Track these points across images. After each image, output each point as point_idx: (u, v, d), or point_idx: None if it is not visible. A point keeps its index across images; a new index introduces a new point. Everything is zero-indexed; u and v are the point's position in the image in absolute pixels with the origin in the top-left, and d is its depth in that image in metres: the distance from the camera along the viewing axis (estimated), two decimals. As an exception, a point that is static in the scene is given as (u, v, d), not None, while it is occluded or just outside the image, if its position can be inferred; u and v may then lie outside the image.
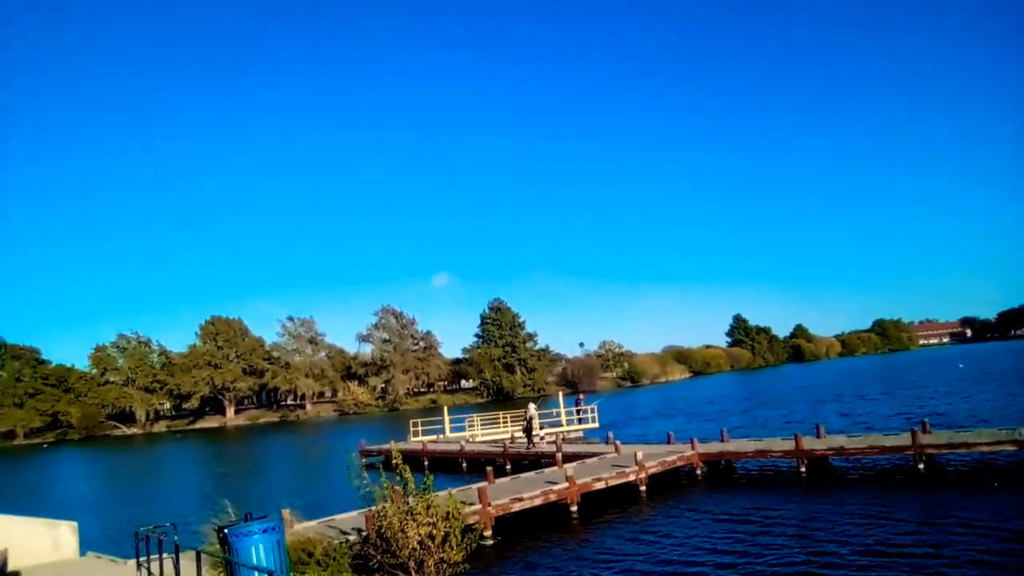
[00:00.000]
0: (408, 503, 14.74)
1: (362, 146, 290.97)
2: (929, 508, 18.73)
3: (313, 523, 19.24)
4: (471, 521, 18.12)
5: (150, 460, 69.09)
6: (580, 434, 45.25)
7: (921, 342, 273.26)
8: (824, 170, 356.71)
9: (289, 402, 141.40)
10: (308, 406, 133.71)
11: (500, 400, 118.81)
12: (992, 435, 24.52)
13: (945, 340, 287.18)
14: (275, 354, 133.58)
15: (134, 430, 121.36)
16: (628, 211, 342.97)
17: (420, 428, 47.36)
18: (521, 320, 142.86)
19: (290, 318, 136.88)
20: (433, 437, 46.48)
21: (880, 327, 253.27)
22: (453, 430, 48.82)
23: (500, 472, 30.50)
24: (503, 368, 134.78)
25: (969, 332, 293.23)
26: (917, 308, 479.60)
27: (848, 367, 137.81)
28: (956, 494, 20.33)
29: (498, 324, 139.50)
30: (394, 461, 15.87)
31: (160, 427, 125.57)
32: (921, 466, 23.51)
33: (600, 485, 23.52)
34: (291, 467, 48.61)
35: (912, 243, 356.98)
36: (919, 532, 16.33)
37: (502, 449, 35.86)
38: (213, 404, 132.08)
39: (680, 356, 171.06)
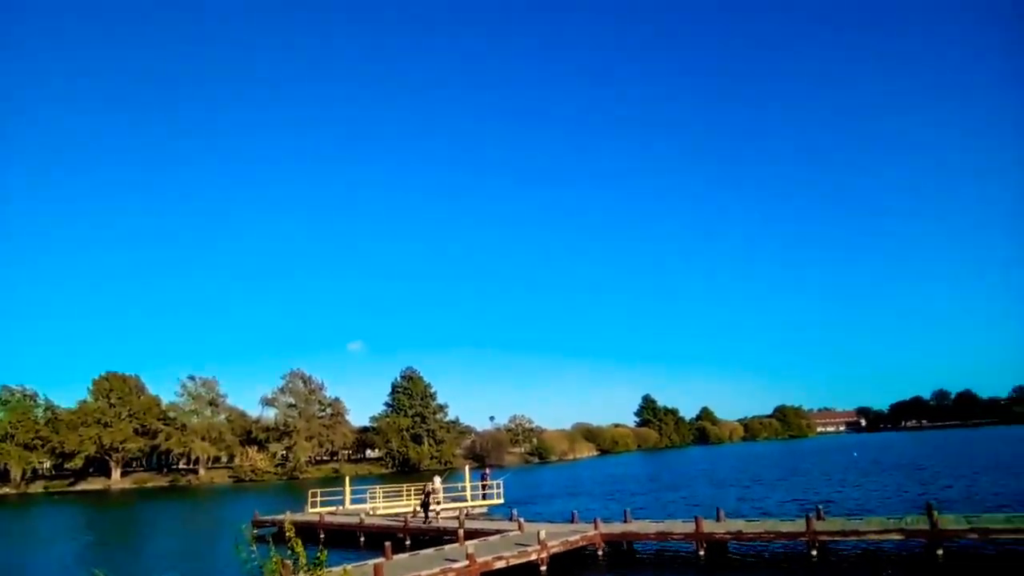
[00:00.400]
0: (297, 579, 14.06)
1: (276, 208, 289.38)
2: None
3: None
4: (368, 602, 17.47)
5: (19, 523, 63.91)
6: (484, 510, 44.50)
7: (819, 429, 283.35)
8: (732, 260, 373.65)
9: (181, 466, 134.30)
10: (202, 471, 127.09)
11: (406, 471, 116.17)
12: (880, 523, 25.47)
13: (841, 428, 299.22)
14: (171, 414, 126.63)
15: (7, 490, 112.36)
16: (544, 288, 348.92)
17: (319, 499, 45.61)
18: (432, 390, 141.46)
19: (191, 377, 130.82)
20: (332, 509, 44.80)
21: (781, 413, 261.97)
22: (354, 501, 47.20)
23: (400, 547, 29.59)
24: (411, 438, 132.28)
25: (863, 421, 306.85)
26: (817, 397, 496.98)
27: (749, 451, 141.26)
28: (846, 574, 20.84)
29: (409, 393, 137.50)
30: (287, 533, 15.19)
31: (37, 487, 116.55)
32: (814, 552, 24.09)
33: (501, 564, 23.09)
34: (175, 536, 45.67)
35: (815, 334, 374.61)
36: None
37: (403, 523, 34.88)
38: (98, 465, 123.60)
39: (589, 434, 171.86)
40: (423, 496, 37.59)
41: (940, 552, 22.73)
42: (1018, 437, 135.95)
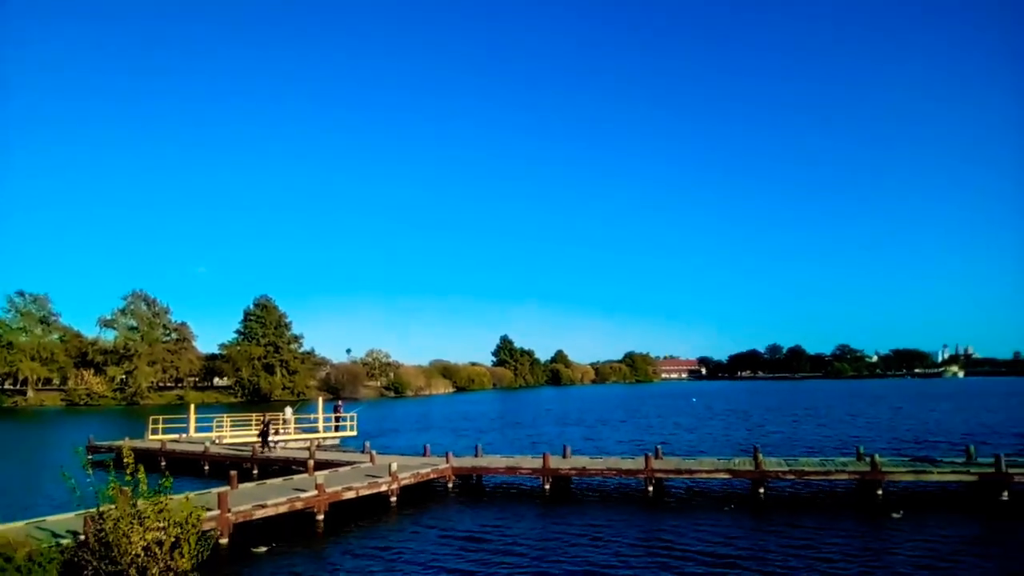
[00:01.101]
0: (136, 506, 13.57)
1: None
2: (655, 526, 20.48)
3: (19, 524, 17.05)
4: (208, 527, 17.06)
5: None
6: (336, 442, 44.28)
7: (664, 375, 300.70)
8: (592, 206, 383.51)
9: (7, 387, 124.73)
10: (30, 392, 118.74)
11: (256, 401, 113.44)
12: (711, 464, 27.56)
13: (684, 375, 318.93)
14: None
15: None
16: (407, 224, 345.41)
17: (161, 426, 43.80)
18: (287, 320, 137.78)
19: (20, 293, 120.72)
20: (175, 436, 43.19)
21: (630, 359, 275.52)
22: (200, 430, 45.67)
23: (247, 477, 29.06)
24: (263, 368, 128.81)
25: (704, 370, 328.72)
26: (663, 345, 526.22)
27: (598, 393, 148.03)
28: (678, 514, 22.36)
29: (262, 322, 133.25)
30: (125, 460, 14.54)
31: None
32: (651, 489, 25.71)
33: (351, 495, 23.14)
34: (-2, 461, 42.69)
35: (665, 287, 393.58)
36: (647, 548, 17.84)
37: (251, 453, 34.18)
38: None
39: (446, 371, 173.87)
40: (262, 426, 37.39)
41: (762, 491, 24.86)
42: (836, 389, 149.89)
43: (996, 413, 65.96)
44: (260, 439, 36.37)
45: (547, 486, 26.60)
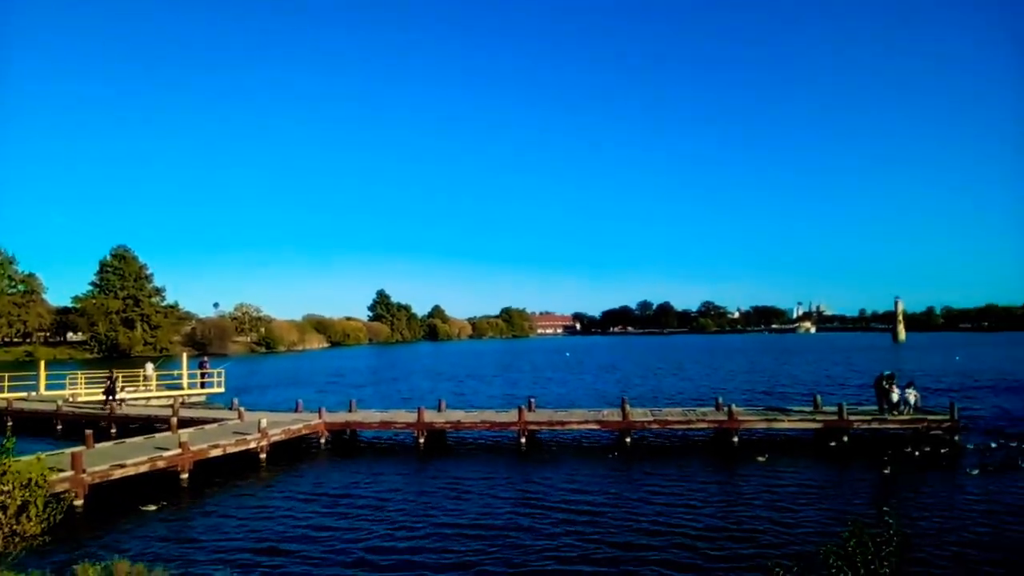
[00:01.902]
0: (-26, 469, 12.62)
1: None
2: (527, 477, 21.03)
3: None
4: (60, 489, 16.19)
5: None
6: (203, 399, 42.71)
7: (540, 331, 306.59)
8: (469, 158, 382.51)
9: None
10: None
11: (115, 357, 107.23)
12: (581, 415, 28.49)
13: (559, 331, 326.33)
14: None
15: None
16: (275, 172, 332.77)
17: (7, 383, 40.76)
18: (149, 272, 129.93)
19: None
20: (23, 394, 40.40)
21: (507, 314, 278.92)
22: (51, 388, 42.88)
23: (104, 437, 27.61)
24: (122, 322, 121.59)
25: (578, 325, 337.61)
26: (539, 301, 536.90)
27: (475, 348, 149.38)
28: (549, 465, 23.02)
29: (120, 274, 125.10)
30: (-37, 419, 13.50)
31: None
32: (524, 440, 26.35)
33: (217, 452, 22.45)
34: None
35: (539, 242, 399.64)
36: (519, 499, 18.33)
37: (108, 411, 32.49)
38: None
39: (320, 325, 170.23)
40: (107, 382, 35.87)
41: (629, 440, 26.04)
42: (701, 344, 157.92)
43: (841, 366, 71.44)
44: (105, 395, 34.89)
45: (421, 440, 26.72)
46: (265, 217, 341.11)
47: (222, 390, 43.73)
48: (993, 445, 24.56)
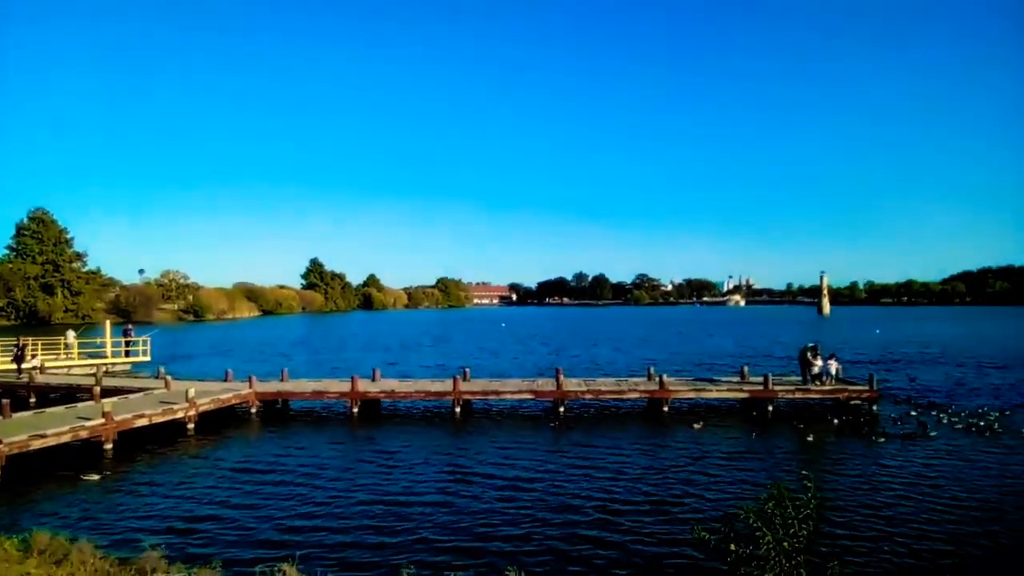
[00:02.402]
0: None
1: None
2: (461, 447, 21.07)
3: None
4: (-29, 461, 15.48)
5: None
6: (127, 367, 41.38)
7: (476, 301, 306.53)
8: (404, 125, 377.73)
9: None
10: None
11: (35, 325, 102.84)
12: (516, 385, 28.69)
13: (495, 301, 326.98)
14: None
15: None
16: (200, 130, 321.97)
17: (-91, 352, 38.66)
18: (69, 236, 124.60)
19: None
20: (-67, 363, 38.43)
21: (443, 284, 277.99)
22: (-37, 356, 40.88)
23: (23, 406, 26.51)
24: (40, 288, 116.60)
25: (515, 296, 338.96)
26: (476, 271, 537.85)
27: (411, 318, 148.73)
28: (484, 434, 23.12)
29: (39, 238, 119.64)
30: None
31: None
32: (458, 410, 26.38)
33: (143, 422, 21.82)
34: None
35: (476, 212, 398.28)
36: (453, 469, 18.35)
37: (28, 380, 31.22)
38: None
39: (251, 293, 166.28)
40: (15, 350, 34.74)
41: (563, 409, 26.33)
42: (635, 315, 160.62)
43: (767, 338, 73.70)
44: (14, 363, 33.65)
45: (355, 410, 26.50)
46: (194, 181, 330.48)
47: (148, 359, 42.46)
48: (912, 414, 25.70)
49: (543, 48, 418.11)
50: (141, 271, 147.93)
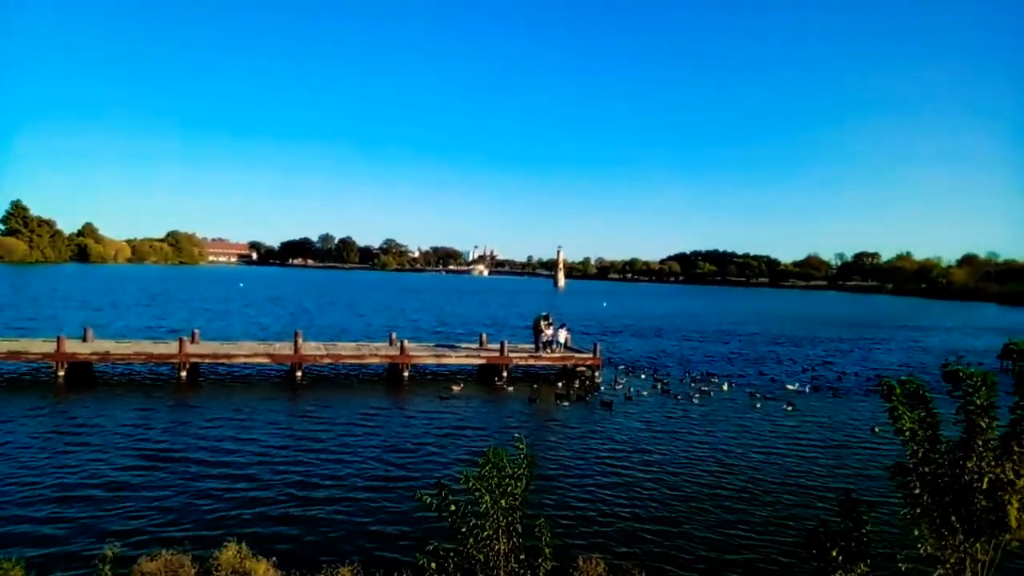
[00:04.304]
0: None
1: None
2: (183, 416, 19.55)
3: None
4: None
5: None
6: None
7: (212, 259, 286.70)
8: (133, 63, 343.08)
9: None
10: None
11: None
12: (251, 348, 27.34)
13: (233, 260, 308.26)
14: None
15: None
16: None
17: None
18: None
19: None
20: None
21: (174, 238, 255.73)
22: None
23: None
24: None
25: (255, 255, 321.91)
26: (213, 226, 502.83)
27: (134, 273, 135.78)
28: (212, 400, 21.70)
29: None
30: None
31: None
32: (184, 374, 24.55)
33: None
34: None
35: (214, 163, 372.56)
36: (171, 439, 16.97)
37: None
38: None
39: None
40: None
41: (300, 374, 25.52)
42: (380, 281, 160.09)
43: (507, 307, 77.23)
44: None
45: (61, 373, 23.68)
46: None
47: None
48: (629, 380, 28.30)
49: None
50: None
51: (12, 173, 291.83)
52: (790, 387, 28.12)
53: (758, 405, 24.17)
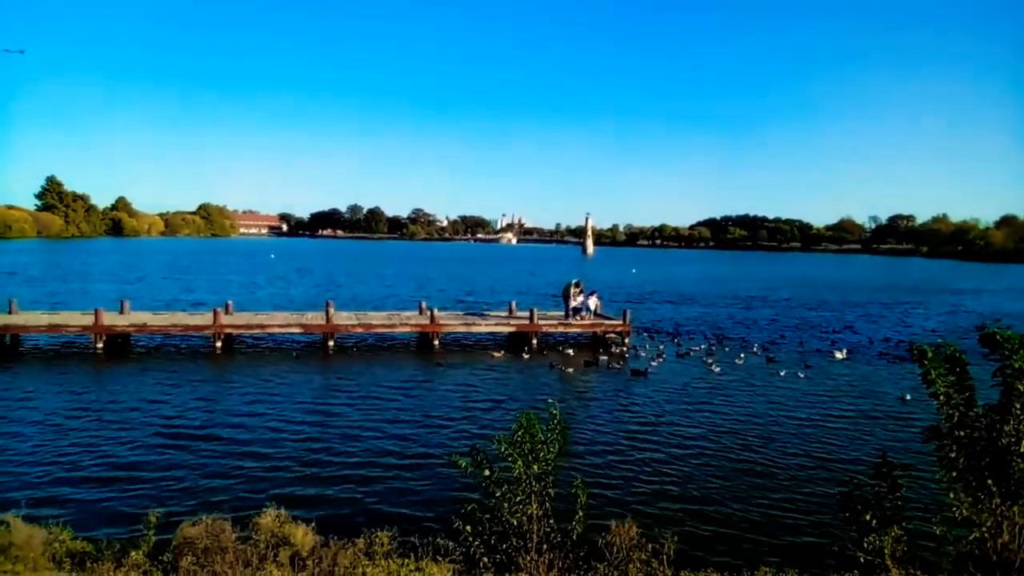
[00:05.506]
0: None
1: None
2: (219, 386, 19.92)
3: None
4: None
5: None
6: None
7: (242, 231, 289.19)
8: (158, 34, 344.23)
9: None
10: None
11: None
12: (284, 318, 27.69)
13: (264, 231, 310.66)
14: None
15: None
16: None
17: None
18: None
19: None
20: None
21: (205, 211, 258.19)
22: None
23: None
24: None
25: (285, 227, 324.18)
26: (243, 198, 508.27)
27: (167, 247, 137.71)
28: (246, 370, 22.08)
29: None
30: None
31: None
32: (219, 344, 24.95)
33: None
34: None
35: (243, 134, 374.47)
36: (207, 406, 17.31)
37: None
38: None
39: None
40: None
41: (332, 343, 25.81)
42: (409, 251, 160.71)
43: (536, 276, 77.12)
44: None
45: (100, 345, 24.17)
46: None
47: None
48: (659, 347, 28.16)
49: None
50: None
51: (49, 150, 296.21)
52: (829, 354, 27.74)
53: (793, 372, 23.76)
